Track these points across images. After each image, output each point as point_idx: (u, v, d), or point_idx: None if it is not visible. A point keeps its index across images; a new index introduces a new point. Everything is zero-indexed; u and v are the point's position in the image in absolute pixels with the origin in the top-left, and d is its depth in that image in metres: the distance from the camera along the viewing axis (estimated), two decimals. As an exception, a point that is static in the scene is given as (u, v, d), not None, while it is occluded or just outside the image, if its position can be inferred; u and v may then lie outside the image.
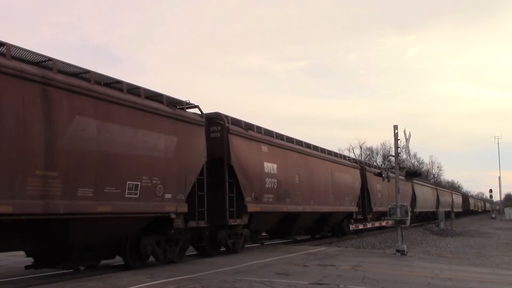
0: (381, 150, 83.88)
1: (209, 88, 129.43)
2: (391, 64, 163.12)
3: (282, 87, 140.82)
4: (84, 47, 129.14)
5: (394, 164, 19.08)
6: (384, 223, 25.74)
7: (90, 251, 10.69)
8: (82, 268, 11.04)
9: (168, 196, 11.70)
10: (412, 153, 74.84)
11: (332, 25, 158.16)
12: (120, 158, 10.38)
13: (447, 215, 45.64)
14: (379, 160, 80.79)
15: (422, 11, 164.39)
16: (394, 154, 18.85)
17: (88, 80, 10.00)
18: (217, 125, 14.49)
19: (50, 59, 9.41)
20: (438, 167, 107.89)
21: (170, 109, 12.18)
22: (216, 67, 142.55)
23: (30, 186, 8.40)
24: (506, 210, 72.14)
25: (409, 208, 17.72)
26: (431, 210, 43.12)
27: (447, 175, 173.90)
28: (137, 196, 10.75)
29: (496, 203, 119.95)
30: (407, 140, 18.23)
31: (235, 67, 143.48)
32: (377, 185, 27.79)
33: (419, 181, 42.10)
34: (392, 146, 19.94)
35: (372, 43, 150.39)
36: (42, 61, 9.42)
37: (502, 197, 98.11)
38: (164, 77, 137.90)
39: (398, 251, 17.31)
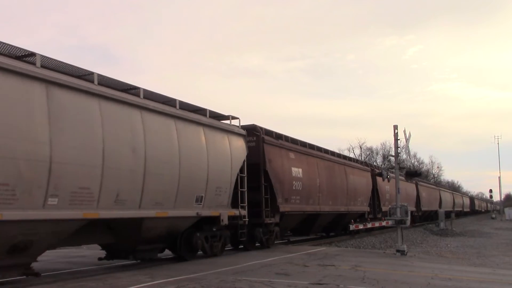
0: (381, 150, 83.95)
1: (208, 88, 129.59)
2: (390, 64, 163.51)
3: (282, 87, 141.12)
4: (83, 47, 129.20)
5: (394, 164, 19.08)
6: (384, 223, 25.95)
7: (328, 230, 25.27)
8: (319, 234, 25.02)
9: (365, 203, 26.52)
10: (412, 153, 74.91)
11: (331, 25, 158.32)
12: (356, 189, 24.93)
13: (447, 215, 46.18)
14: (379, 160, 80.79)
15: (420, 11, 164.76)
16: (394, 154, 18.86)
17: (327, 152, 22.87)
18: (367, 166, 29.03)
19: (331, 152, 23.86)
20: (438, 167, 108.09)
21: (361, 165, 27.74)
22: (215, 67, 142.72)
23: (340, 199, 22.61)
24: (506, 210, 72.17)
25: (438, 208, 28.06)
26: (450, 209, 56.96)
27: (447, 175, 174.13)
28: (359, 204, 25.32)
29: (496, 203, 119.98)
30: (407, 140, 18.26)
31: (234, 67, 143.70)
32: (423, 193, 42.56)
33: (442, 188, 63.17)
34: (392, 146, 19.96)
35: (370, 43, 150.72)
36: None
37: (502, 197, 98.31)
38: (163, 77, 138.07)
39: (398, 251, 17.32)
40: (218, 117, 14.45)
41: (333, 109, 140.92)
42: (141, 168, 10.68)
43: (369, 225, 26.38)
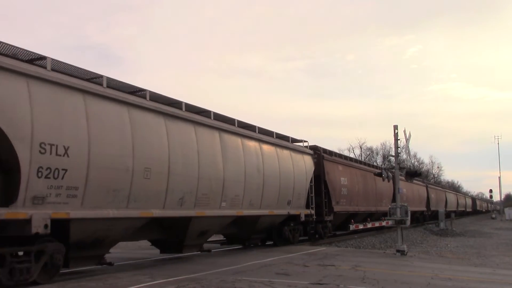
0: (381, 150, 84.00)
1: (207, 88, 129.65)
2: (390, 64, 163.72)
3: (281, 87, 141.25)
4: (83, 47, 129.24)
5: (394, 164, 19.08)
6: (384, 223, 25.97)
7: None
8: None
9: (388, 204, 23.98)
10: (412, 153, 75.24)
11: (330, 25, 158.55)
12: (382, 193, 29.15)
13: (447, 215, 46.34)
14: (379, 160, 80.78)
15: (420, 11, 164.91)
16: (394, 154, 18.86)
17: (361, 163, 29.87)
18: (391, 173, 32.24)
19: (364, 163, 31.89)
20: (438, 167, 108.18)
21: (372, 169, 28.49)
22: (215, 67, 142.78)
23: (371, 201, 27.70)
24: (506, 210, 72.10)
25: (445, 208, 33.50)
26: (454, 209, 63.82)
27: (447, 175, 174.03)
28: (383, 205, 28.28)
29: (496, 203, 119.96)
30: (407, 140, 18.24)
31: (233, 67, 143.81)
32: (432, 195, 47.09)
33: (448, 190, 69.48)
34: (392, 146, 19.96)
35: (370, 43, 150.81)
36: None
37: (502, 197, 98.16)
38: (162, 77, 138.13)
39: (398, 251, 17.32)
40: (295, 141, 19.64)
41: (333, 109, 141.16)
42: (262, 182, 15.86)
43: (368, 225, 26.45)
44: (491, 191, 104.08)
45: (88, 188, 9.33)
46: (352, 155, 65.84)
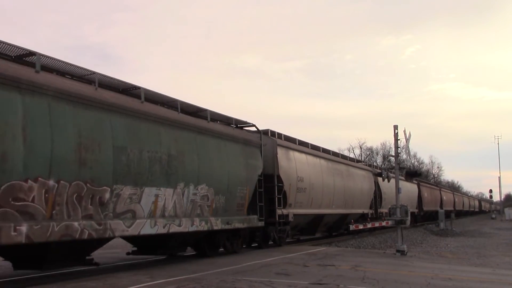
0: (381, 150, 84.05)
1: (206, 88, 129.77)
2: (388, 64, 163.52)
3: (280, 87, 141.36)
4: (81, 46, 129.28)
5: (394, 164, 19.08)
6: (384, 223, 26.00)
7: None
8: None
9: (437, 206, 51.26)
10: (412, 153, 75.41)
11: (328, 25, 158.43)
12: (436, 199, 51.84)
13: (447, 215, 46.51)
14: (379, 160, 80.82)
15: (417, 11, 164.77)
16: (394, 154, 18.86)
17: (427, 183, 53.15)
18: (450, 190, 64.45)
19: (429, 183, 56.41)
20: (438, 167, 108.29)
21: (447, 189, 66.09)
22: (214, 68, 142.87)
23: (433, 205, 50.62)
24: (506, 210, 72.14)
25: (462, 208, 67.07)
26: (467, 209, 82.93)
27: (447, 175, 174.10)
28: (436, 206, 50.97)
29: (496, 203, 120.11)
30: (407, 140, 18.24)
31: (232, 68, 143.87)
32: (456, 199, 68.35)
33: (464, 195, 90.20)
34: (392, 146, 19.98)
35: (368, 43, 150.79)
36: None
37: (502, 197, 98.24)
38: (161, 77, 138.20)
39: (398, 251, 17.32)
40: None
41: (332, 109, 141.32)
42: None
43: (368, 225, 26.50)
44: (491, 191, 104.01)
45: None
46: (352, 155, 66.23)
